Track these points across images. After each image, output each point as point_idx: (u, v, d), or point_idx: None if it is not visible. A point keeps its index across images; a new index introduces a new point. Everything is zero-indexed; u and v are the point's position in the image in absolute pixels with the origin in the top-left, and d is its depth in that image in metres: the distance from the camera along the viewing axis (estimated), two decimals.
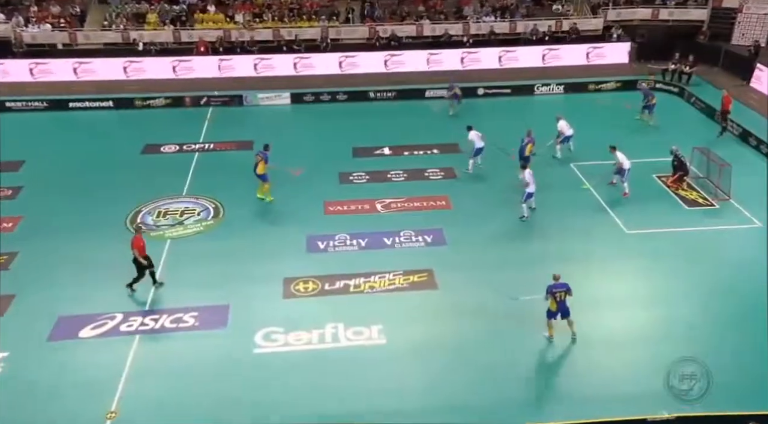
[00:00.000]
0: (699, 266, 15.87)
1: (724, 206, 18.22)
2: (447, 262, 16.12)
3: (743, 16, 32.41)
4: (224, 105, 26.53)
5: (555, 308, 13.02)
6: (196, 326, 14.17)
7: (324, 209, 18.62)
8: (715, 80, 27.19)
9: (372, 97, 26.80)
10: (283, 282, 15.46)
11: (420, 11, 32.81)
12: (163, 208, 18.88)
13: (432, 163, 21.19)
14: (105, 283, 15.42)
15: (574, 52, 30.35)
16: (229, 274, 15.86)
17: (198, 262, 16.34)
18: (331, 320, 14.15)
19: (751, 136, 21.85)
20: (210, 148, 22.74)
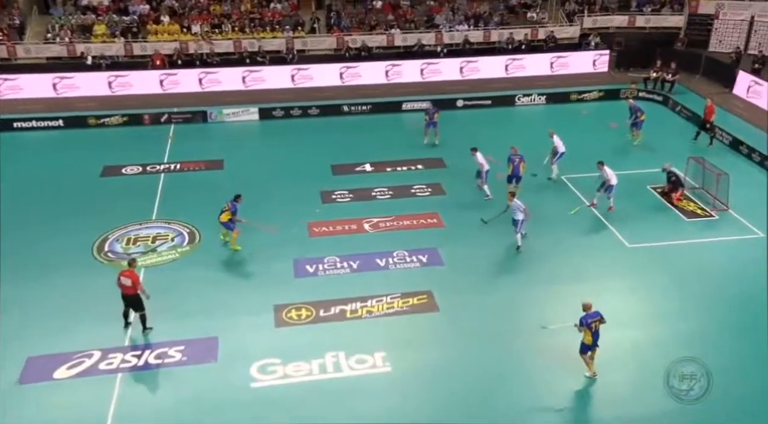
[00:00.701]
0: (705, 279, 16.45)
1: (723, 217, 18.99)
2: (446, 283, 16.34)
3: (720, 22, 34.04)
4: (187, 122, 26.40)
5: (591, 340, 12.73)
6: (184, 360, 13.98)
7: (309, 231, 18.67)
8: (698, 88, 28.38)
9: (346, 111, 27.04)
10: (273, 310, 15.41)
11: (389, 20, 33.36)
12: (133, 234, 18.63)
13: (418, 179, 21.49)
14: (76, 318, 15.10)
15: (548, 62, 31.25)
16: (214, 303, 15.74)
17: (178, 291, 16.15)
18: (331, 349, 14.15)
19: (741, 145, 22.85)
20: (177, 169, 22.56)
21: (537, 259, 17.34)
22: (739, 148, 22.93)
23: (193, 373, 13.66)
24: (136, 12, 32.83)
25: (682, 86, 28.43)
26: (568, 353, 13.17)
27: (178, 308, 15.56)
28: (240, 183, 20.95)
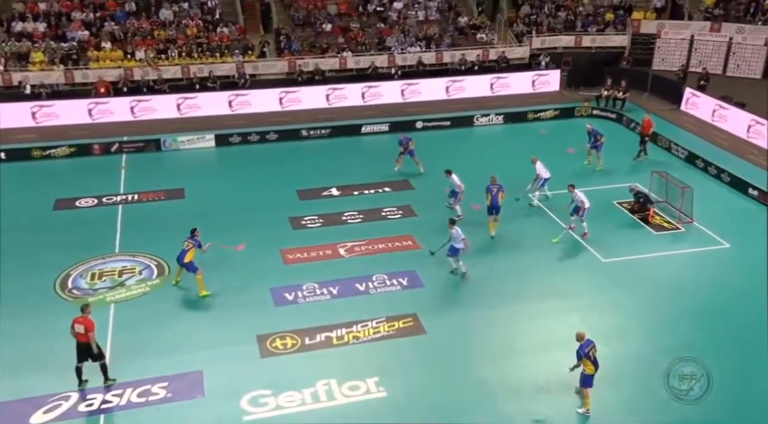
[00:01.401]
0: (678, 290, 17.31)
1: (689, 229, 19.99)
2: (429, 305, 16.66)
3: (661, 41, 35.92)
4: (139, 151, 26.06)
5: (593, 370, 12.71)
6: (169, 397, 13.80)
7: (282, 258, 18.71)
8: (648, 105, 29.77)
9: (305, 135, 27.23)
10: (257, 340, 15.39)
11: (340, 43, 33.84)
12: (97, 269, 18.27)
13: (387, 202, 21.82)
14: (47, 360, 14.70)
15: (519, 81, 32.26)
16: (193, 337, 15.60)
17: (153, 326, 15.94)
18: (321, 377, 14.23)
19: (698, 159, 24.12)
20: (135, 200, 22.23)
21: (517, 277, 17.86)
22: (695, 162, 24.17)
23: (181, 410, 13.50)
24: (75, 38, 32.28)
25: (632, 103, 29.79)
26: (562, 370, 13.54)
27: (156, 343, 15.37)
28: (204, 212, 20.96)
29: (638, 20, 36.34)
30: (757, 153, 25.35)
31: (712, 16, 36.03)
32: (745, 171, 23.29)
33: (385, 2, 36.56)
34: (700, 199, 20.62)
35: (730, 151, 25.56)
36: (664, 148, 25.80)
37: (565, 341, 14.26)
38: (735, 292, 17.07)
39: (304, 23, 35.03)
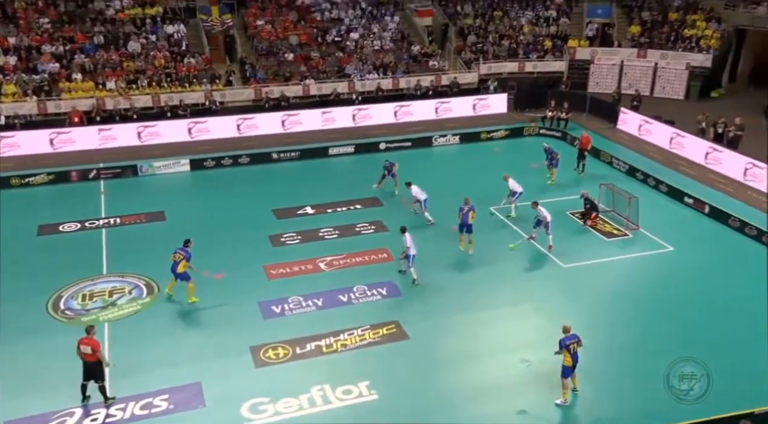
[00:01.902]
0: (631, 291, 18.10)
1: (636, 235, 20.83)
2: (409, 312, 16.94)
3: (595, 66, 37.38)
4: (116, 177, 25.68)
5: (571, 362, 13.22)
6: (172, 408, 13.69)
7: (266, 274, 18.74)
8: (589, 124, 30.84)
9: (275, 159, 27.30)
10: (250, 351, 15.39)
11: (302, 71, 34.09)
12: (87, 290, 17.96)
13: (359, 218, 22.06)
14: (47, 379, 14.47)
15: (461, 105, 32.99)
16: (188, 350, 15.51)
17: (148, 342, 15.78)
18: (315, 383, 14.33)
19: (637, 172, 25.17)
20: (117, 223, 21.92)
21: (488, 285, 18.29)
22: (635, 174, 25.20)
23: (184, 420, 13.42)
24: (45, 70, 31.68)
25: (574, 123, 30.85)
26: (531, 367, 14.00)
27: (153, 357, 15.21)
28: (186, 233, 20.37)
29: (574, 48, 37.72)
30: (686, 165, 26.58)
31: (638, 43, 37.67)
32: (678, 181, 24.41)
33: (342, 33, 37.02)
34: (643, 208, 21.50)
35: (664, 164, 26.73)
36: (606, 162, 26.79)
37: (534, 341, 15.08)
38: (681, 290, 17.90)
39: (267, 53, 35.15)
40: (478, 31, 38.64)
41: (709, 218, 22.02)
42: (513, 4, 40.78)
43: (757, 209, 22.38)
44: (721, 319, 16.53)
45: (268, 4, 38.06)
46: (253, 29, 36.45)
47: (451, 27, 38.44)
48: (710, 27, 37.45)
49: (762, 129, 29.04)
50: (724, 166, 25.63)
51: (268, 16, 37.35)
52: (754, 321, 16.29)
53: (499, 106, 33.53)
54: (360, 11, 38.76)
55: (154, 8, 36.10)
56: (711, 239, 20.75)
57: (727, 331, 16.01)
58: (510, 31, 38.87)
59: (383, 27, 37.99)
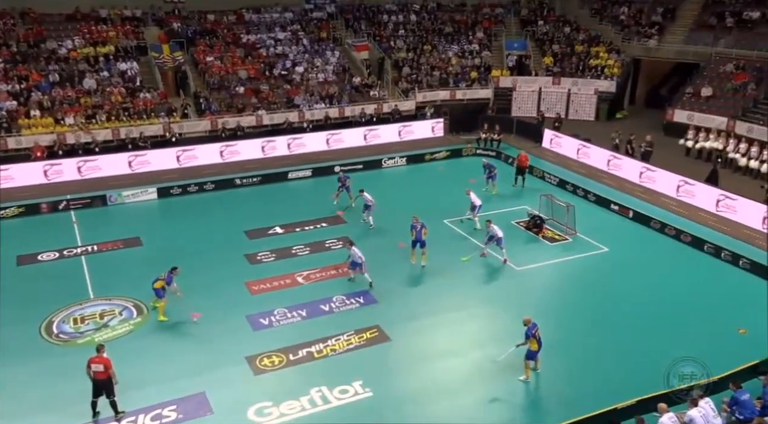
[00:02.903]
0: (576, 287, 19.35)
1: (575, 239, 22.13)
2: (387, 316, 17.44)
3: (517, 93, 39.26)
4: (86, 207, 25.02)
5: (537, 347, 14.32)
6: (181, 418, 13.66)
7: (249, 290, 18.83)
8: (518, 144, 32.50)
9: (238, 184, 27.32)
10: (246, 361, 15.51)
11: (254, 103, 34.24)
12: (77, 314, 17.56)
13: (327, 235, 22.44)
14: (54, 398, 14.18)
15: (402, 130, 33.97)
16: (187, 364, 15.46)
17: (147, 358, 15.64)
18: (313, 385, 14.61)
19: (567, 184, 26.69)
20: (95, 250, 21.42)
21: (449, 288, 18.99)
22: (565, 186, 26.71)
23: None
24: (3, 108, 30.54)
25: (505, 144, 32.31)
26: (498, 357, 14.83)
27: (154, 373, 15.10)
28: (165, 256, 20.54)
29: (497, 77, 39.49)
30: (607, 177, 28.36)
31: (552, 72, 39.84)
32: (603, 191, 26.05)
33: (288, 67, 37.41)
34: (577, 215, 22.86)
35: (588, 177, 28.37)
36: (539, 177, 28.22)
37: (500, 336, 15.96)
38: (619, 283, 19.25)
39: (219, 87, 35.10)
40: (411, 64, 39.86)
41: (633, 221, 23.64)
42: (440, 39, 42.31)
43: (672, 213, 24.18)
44: (653, 307, 17.85)
45: (215, 42, 38.05)
46: (203, 65, 36.34)
47: (387, 60, 39.49)
48: (611, 57, 40.05)
49: (663, 143, 31.22)
50: (632, 173, 27.42)
51: (217, 52, 37.32)
52: (680, 308, 17.79)
53: (436, 131, 34.67)
54: (303, 47, 39.29)
55: (106, 47, 35.45)
56: (638, 240, 22.30)
57: (658, 317, 17.32)
58: (440, 62, 40.29)
59: (325, 61, 38.63)
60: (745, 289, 18.96)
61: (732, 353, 15.42)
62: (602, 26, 42.73)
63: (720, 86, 34.72)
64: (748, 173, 28.74)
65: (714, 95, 34.35)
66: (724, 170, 28.08)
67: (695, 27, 39.52)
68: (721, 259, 20.56)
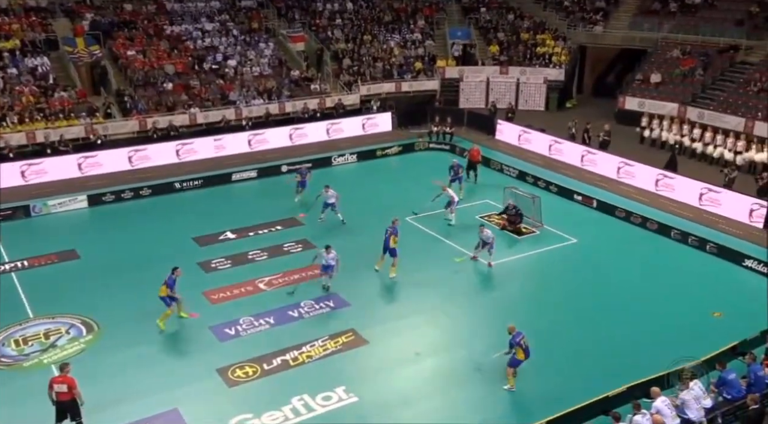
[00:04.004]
0: (554, 278, 20.44)
1: (543, 232, 23.28)
2: (361, 319, 17.93)
3: (464, 84, 40.52)
4: (7, 219, 24.23)
5: (523, 356, 14.80)
6: None
7: (208, 299, 18.90)
8: (470, 136, 33.63)
9: (178, 188, 27.11)
10: (217, 373, 15.66)
11: (185, 100, 33.95)
12: (18, 335, 17.18)
13: (284, 238, 22.68)
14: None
15: (349, 125, 34.45)
16: (153, 380, 15.45)
17: (108, 377, 15.53)
18: (293, 394, 14.92)
19: (527, 176, 27.93)
20: (26, 266, 20.86)
21: (421, 287, 19.63)
22: (525, 178, 27.94)
23: None
24: None
25: (458, 136, 33.38)
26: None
27: (119, 392, 15.03)
28: (107, 269, 20.50)
29: (443, 67, 40.64)
30: (563, 167, 29.80)
31: (499, 61, 41.32)
32: (563, 181, 27.43)
33: (219, 60, 37.25)
34: (542, 207, 24.05)
35: (544, 167, 29.73)
36: (497, 170, 29.37)
37: (479, 333, 17.07)
38: (591, 274, 20.50)
39: (144, 83, 34.57)
40: (351, 55, 40.43)
41: (597, 211, 25.06)
42: (380, 28, 43.10)
43: (633, 201, 25.75)
44: (628, 296, 19.11)
45: (136, 34, 37.46)
46: (124, 60, 35.69)
47: (326, 51, 39.92)
48: (558, 45, 41.94)
49: (616, 132, 32.94)
50: (599, 166, 29.05)
51: (138, 46, 36.74)
52: (654, 295, 19.15)
53: (384, 125, 35.38)
54: (233, 39, 39.19)
55: (10, 41, 34.32)
56: (605, 229, 23.70)
57: (634, 305, 18.61)
58: (382, 53, 41.04)
59: (259, 53, 38.68)
60: (715, 273, 20.56)
61: (709, 336, 16.76)
62: (546, 13, 44.65)
63: (668, 72, 37.02)
64: (703, 159, 30.86)
65: (663, 81, 36.60)
66: (682, 157, 29.99)
67: (639, 12, 41.95)
68: (688, 244, 22.12)
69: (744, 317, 17.55)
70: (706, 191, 24.96)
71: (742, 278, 20.21)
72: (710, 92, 34.81)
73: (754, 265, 20.45)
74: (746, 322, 17.02)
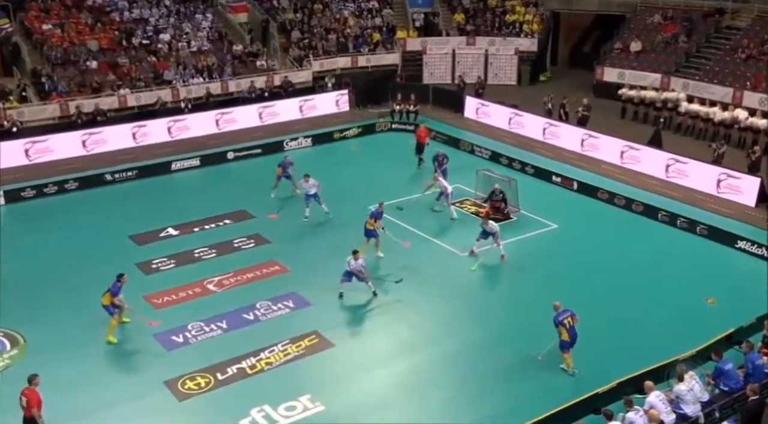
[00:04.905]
0: (537, 268, 20.78)
1: (520, 217, 23.66)
2: (325, 320, 18.02)
3: (428, 57, 40.77)
4: None
5: (568, 337, 15.31)
6: None
7: (151, 305, 18.75)
8: (437, 115, 33.89)
9: (109, 180, 26.76)
10: (166, 386, 15.61)
11: (113, 80, 33.40)
12: None
13: (234, 234, 22.59)
14: None
15: (290, 106, 34.32)
16: (93, 398, 15.31)
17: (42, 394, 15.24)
18: (253, 405, 14.96)
19: (501, 157, 28.32)
20: None
21: (386, 282, 19.77)
22: (499, 159, 28.32)
23: None
24: None
25: (423, 116, 33.58)
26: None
27: (51, 412, 14.66)
28: (31, 276, 20.16)
29: (404, 39, 40.82)
30: (540, 146, 30.29)
31: (465, 31, 41.63)
32: (541, 162, 27.89)
33: (150, 35, 36.73)
34: (519, 191, 24.41)
35: (519, 147, 30.15)
36: (467, 151, 29.70)
37: (454, 330, 17.44)
38: (575, 262, 20.91)
39: (64, 62, 33.90)
40: (301, 26, 40.28)
41: (578, 193, 25.56)
42: None
43: (616, 181, 26.33)
44: (616, 284, 19.60)
45: (52, 5, 36.67)
46: (39, 35, 34.92)
47: (272, 23, 39.68)
48: (529, 12, 42.45)
49: (595, 106, 33.55)
50: (568, 141, 29.58)
51: (55, 19, 36.01)
52: (643, 282, 19.68)
53: (340, 105, 35.38)
54: (165, 10, 38.67)
55: None
56: (587, 213, 24.22)
57: (623, 293, 19.11)
58: (335, 24, 40.99)
59: (196, 26, 38.27)
60: (707, 257, 21.19)
61: (703, 324, 17.32)
62: None
63: (649, 39, 37.82)
64: (689, 134, 31.67)
65: (644, 50, 37.38)
66: (666, 132, 30.71)
67: None
68: (677, 227, 22.74)
69: (739, 302, 18.14)
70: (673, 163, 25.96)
71: (735, 261, 20.87)
72: (695, 61, 35.68)
73: (747, 246, 21.12)
74: (742, 308, 17.59)
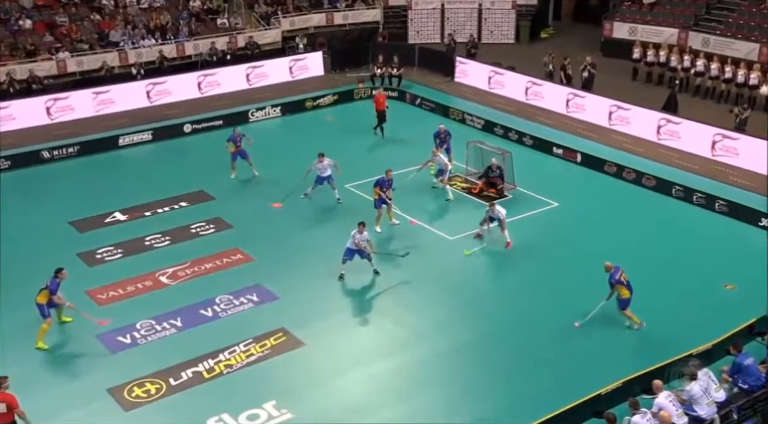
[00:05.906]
0: (537, 250, 20.79)
1: (516, 195, 23.60)
2: (294, 316, 17.91)
3: (413, 13, 40.49)
4: None
5: (628, 294, 16.57)
6: None
7: (95, 300, 18.62)
8: (423, 79, 33.73)
9: (47, 158, 26.50)
10: (110, 394, 15.48)
11: (51, 42, 33.02)
12: None
13: (191, 218, 22.46)
14: None
15: (269, 69, 34.13)
16: (27, 407, 15.03)
17: None
18: (210, 414, 14.85)
19: (496, 126, 28.22)
20: None
21: (367, 269, 19.68)
22: (493, 129, 28.21)
23: None
24: None
25: (408, 81, 33.39)
26: None
27: None
28: None
29: None
30: (537, 112, 30.17)
31: None
32: (541, 132, 27.81)
33: None
34: (514, 165, 24.31)
35: (516, 115, 30.09)
36: (458, 120, 29.56)
37: (442, 325, 17.52)
38: (578, 245, 20.87)
39: None
40: None
41: (582, 166, 25.53)
42: None
43: (626, 152, 26.28)
44: (625, 264, 19.43)
45: None
46: None
47: None
48: None
49: (603, 65, 33.53)
50: (587, 113, 29.47)
51: None
52: (656, 266, 19.65)
53: (314, 68, 35.10)
54: None
55: None
56: (592, 189, 24.24)
57: (633, 279, 18.86)
58: None
59: None
60: (726, 236, 21.22)
61: (721, 313, 17.36)
62: None
63: None
64: (708, 97, 31.60)
65: (658, 2, 37.18)
66: (683, 95, 30.66)
67: None
68: (693, 203, 22.73)
69: (761, 288, 18.10)
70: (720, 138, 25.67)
71: (758, 242, 20.82)
72: (716, 13, 35.54)
73: None
74: (764, 295, 17.58)
